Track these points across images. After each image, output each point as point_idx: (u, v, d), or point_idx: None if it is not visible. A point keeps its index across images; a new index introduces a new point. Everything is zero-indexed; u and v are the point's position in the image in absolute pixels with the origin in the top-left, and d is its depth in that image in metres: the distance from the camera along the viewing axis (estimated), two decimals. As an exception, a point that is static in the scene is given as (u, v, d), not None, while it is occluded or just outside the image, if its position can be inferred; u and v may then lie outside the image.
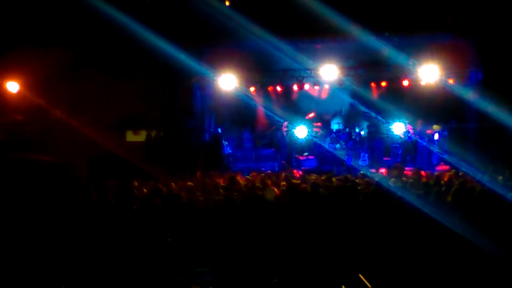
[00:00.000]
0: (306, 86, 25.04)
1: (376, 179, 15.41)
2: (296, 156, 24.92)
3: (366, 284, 9.38)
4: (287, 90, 25.68)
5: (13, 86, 22.86)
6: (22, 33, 21.77)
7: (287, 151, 24.91)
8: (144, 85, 23.98)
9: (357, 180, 15.26)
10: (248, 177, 17.14)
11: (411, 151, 24.75)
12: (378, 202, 12.42)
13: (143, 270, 10.37)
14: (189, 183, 15.65)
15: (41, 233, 11.31)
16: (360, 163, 23.69)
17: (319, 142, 24.82)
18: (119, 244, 10.97)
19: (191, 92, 25.00)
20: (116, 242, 11.02)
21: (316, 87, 25.34)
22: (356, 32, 21.31)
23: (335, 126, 25.97)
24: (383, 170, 20.26)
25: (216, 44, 22.61)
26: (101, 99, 23.33)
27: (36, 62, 21.94)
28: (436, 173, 17.41)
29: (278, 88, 25.28)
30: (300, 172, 21.26)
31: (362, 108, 25.80)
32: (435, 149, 23.91)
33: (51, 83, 22.58)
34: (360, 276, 9.55)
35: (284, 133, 24.83)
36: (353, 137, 25.29)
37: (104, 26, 20.55)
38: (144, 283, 10.07)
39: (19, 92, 22.92)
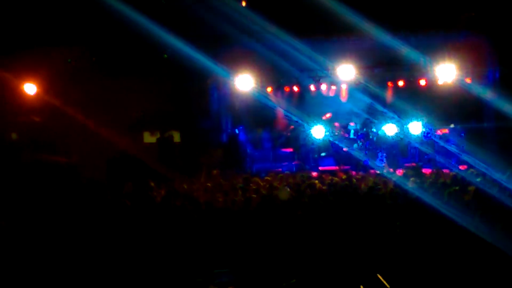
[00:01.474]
0: (323, 86, 25.01)
1: (394, 179, 15.39)
2: (313, 156, 24.91)
3: (385, 284, 9.35)
4: (304, 90, 25.64)
5: (30, 88, 22.93)
6: (40, 35, 21.83)
7: (304, 151, 24.89)
8: (161, 86, 24.05)
9: (374, 180, 15.23)
10: (267, 178, 17.14)
11: (430, 151, 24.69)
12: (396, 202, 12.40)
13: (161, 271, 10.37)
14: (207, 183, 15.68)
15: (58, 233, 11.34)
16: (377, 163, 23.64)
17: (336, 142, 24.79)
18: (136, 245, 10.99)
19: (207, 93, 25.05)
20: (133, 243, 11.03)
21: (333, 87, 25.29)
22: (373, 31, 21.25)
23: (352, 126, 25.90)
24: (400, 171, 20.19)
25: (233, 45, 22.59)
26: (118, 100, 23.39)
27: (53, 64, 22.05)
28: (454, 173, 17.33)
29: (295, 88, 25.24)
30: (318, 173, 21.23)
31: (380, 108, 25.74)
32: (453, 149, 23.84)
33: (68, 85, 22.64)
34: (379, 276, 9.53)
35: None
36: (371, 137, 25.23)
37: (121, 27, 20.57)
38: (162, 284, 10.07)
39: (36, 94, 22.99)
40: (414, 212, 11.48)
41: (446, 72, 22.59)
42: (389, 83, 25.03)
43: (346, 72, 22.93)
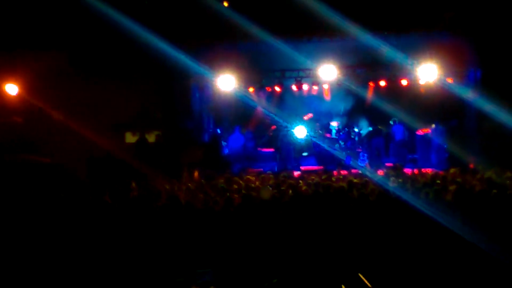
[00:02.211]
0: (305, 86, 25.03)
1: (375, 179, 15.42)
2: (295, 156, 24.94)
3: (366, 284, 9.36)
4: (286, 90, 25.64)
5: (12, 89, 22.85)
6: (21, 36, 21.76)
7: (286, 151, 24.91)
8: (143, 86, 23.99)
9: (355, 180, 15.23)
10: (249, 177, 17.11)
11: (411, 150, 24.81)
12: (376, 202, 12.42)
13: (142, 271, 10.35)
14: (188, 183, 15.65)
15: (40, 234, 11.29)
16: (359, 163, 23.69)
17: (318, 142, 24.84)
18: (117, 244, 10.96)
19: (189, 93, 25.00)
20: (114, 242, 11.00)
21: (315, 87, 25.31)
22: (355, 31, 21.28)
23: (334, 126, 25.95)
24: (382, 170, 20.24)
25: (214, 45, 22.61)
26: (100, 101, 23.34)
27: (35, 65, 21.96)
28: (435, 173, 17.38)
29: (277, 89, 25.21)
30: (299, 173, 21.25)
31: (361, 108, 25.83)
32: (434, 149, 23.93)
33: (50, 86, 22.57)
34: (360, 275, 9.54)
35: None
36: (352, 136, 25.30)
37: (101, 28, 20.55)
38: (144, 284, 10.05)
39: (18, 95, 22.91)
40: (395, 212, 11.50)
41: (428, 72, 22.66)
42: (371, 83, 25.05)
43: (328, 72, 22.95)
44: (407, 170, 19.27)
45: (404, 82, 24.52)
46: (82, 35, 22.35)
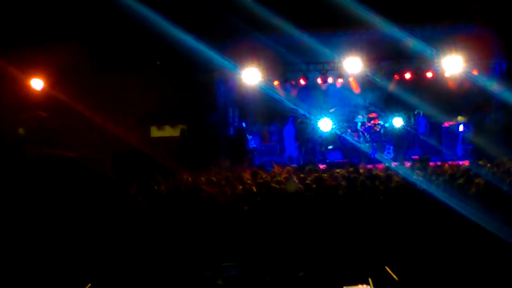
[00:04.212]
0: (330, 79, 24.95)
1: (400, 172, 15.37)
2: (321, 149, 24.96)
3: (393, 277, 9.36)
4: (311, 83, 25.58)
5: (37, 83, 22.97)
6: (47, 30, 21.84)
7: (311, 144, 24.93)
8: (167, 79, 24.03)
9: (381, 173, 15.21)
10: (275, 170, 17.13)
11: (437, 143, 24.73)
12: (402, 195, 12.40)
13: (169, 264, 10.39)
14: (214, 177, 15.68)
15: (63, 227, 11.38)
16: (385, 155, 23.65)
17: (343, 135, 24.81)
18: (143, 239, 11.01)
19: (214, 86, 25.01)
20: (140, 237, 11.06)
21: (340, 80, 25.25)
22: (379, 24, 21.19)
23: (359, 119, 25.88)
24: (408, 163, 20.17)
25: (239, 38, 22.58)
26: (124, 95, 23.43)
27: (59, 59, 22.01)
28: (461, 165, 17.31)
29: (302, 82, 25.14)
30: (325, 166, 21.23)
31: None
32: (460, 141, 23.85)
33: (74, 80, 22.66)
34: (387, 268, 9.53)
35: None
36: (378, 129, 25.23)
37: (125, 21, 20.59)
38: (170, 278, 10.09)
39: (43, 89, 23.02)
40: (421, 205, 11.47)
41: (453, 64, 22.55)
42: (396, 76, 24.94)
43: (353, 64, 22.90)
44: (433, 163, 19.21)
45: (429, 75, 24.39)
46: (107, 29, 22.40)
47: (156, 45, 22.14)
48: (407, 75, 24.54)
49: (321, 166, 20.62)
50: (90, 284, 9.66)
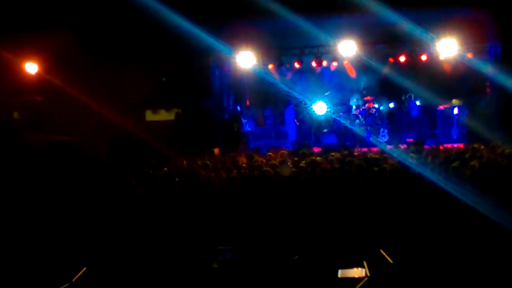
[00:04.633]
0: (324, 63, 24.95)
1: (395, 155, 15.40)
2: (315, 132, 25.00)
3: (388, 260, 9.39)
4: (306, 67, 25.57)
5: (32, 67, 22.94)
6: (40, 16, 21.76)
7: (306, 127, 24.97)
8: (162, 64, 24.01)
9: (375, 156, 15.23)
10: (270, 153, 17.15)
11: (431, 126, 24.78)
12: (396, 178, 12.42)
13: (164, 248, 10.42)
14: (209, 161, 15.70)
15: (60, 213, 11.39)
16: (379, 139, 23.68)
17: (337, 118, 24.84)
18: (138, 222, 11.04)
19: (209, 70, 24.99)
20: (135, 221, 11.09)
21: (334, 63, 25.25)
22: (374, 7, 21.13)
23: (353, 102, 25.91)
24: (402, 146, 20.20)
25: (234, 22, 22.49)
26: (119, 79, 23.40)
27: (55, 44, 21.95)
28: (455, 148, 17.35)
29: (296, 65, 25.13)
30: (319, 149, 21.25)
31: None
32: (455, 124, 23.90)
33: (68, 64, 22.62)
34: (382, 251, 9.56)
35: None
36: (372, 112, 25.26)
37: (121, 7, 20.52)
38: (165, 262, 10.11)
39: (38, 74, 23.00)
40: (416, 188, 11.50)
41: (448, 47, 22.56)
42: (391, 59, 24.94)
43: (348, 48, 22.92)
44: (427, 146, 19.24)
45: (423, 58, 24.43)
46: (101, 14, 22.32)
47: (150, 29, 22.08)
48: (402, 58, 24.59)
49: (316, 150, 20.63)
50: (85, 268, 9.68)
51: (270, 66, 25.27)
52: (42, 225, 11.06)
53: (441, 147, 17.77)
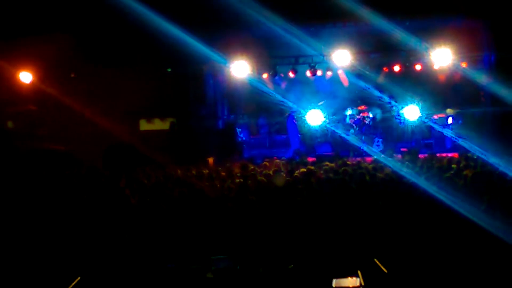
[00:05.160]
0: (319, 72, 24.95)
1: (389, 164, 15.40)
2: (309, 142, 24.99)
3: (382, 269, 9.39)
4: (300, 77, 25.57)
5: (26, 77, 22.92)
6: (35, 23, 21.75)
7: (300, 137, 24.98)
8: (157, 73, 24.02)
9: (370, 166, 15.23)
10: (265, 163, 17.15)
11: (426, 135, 24.78)
12: (391, 187, 12.42)
13: (157, 257, 10.41)
14: (203, 170, 15.70)
15: (53, 221, 11.38)
16: (374, 148, 23.68)
17: (332, 127, 24.82)
18: (132, 232, 11.03)
19: (203, 80, 25.02)
20: (129, 230, 11.07)
21: (329, 73, 25.25)
22: (368, 16, 21.17)
23: (348, 111, 25.91)
24: (397, 155, 20.21)
25: (228, 31, 22.53)
26: (113, 88, 23.40)
27: (49, 53, 21.95)
28: (449, 158, 17.35)
29: (291, 75, 25.12)
30: (314, 158, 21.25)
31: (376, 93, 25.71)
32: (449, 133, 23.90)
33: (64, 73, 22.65)
34: (376, 260, 9.56)
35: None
36: (367, 122, 25.25)
37: (115, 15, 20.52)
38: (159, 271, 10.10)
39: (32, 83, 22.98)
40: (410, 198, 11.51)
41: (442, 57, 22.57)
42: (385, 68, 24.96)
43: (342, 57, 22.92)
44: (422, 155, 19.25)
45: (418, 67, 24.46)
46: (96, 22, 22.32)
47: (144, 38, 22.09)
48: (396, 68, 24.58)
49: (310, 159, 20.63)
50: (79, 278, 9.66)
51: (265, 76, 25.26)
52: (35, 234, 11.04)
53: (435, 157, 17.79)
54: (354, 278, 8.42)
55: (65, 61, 22.35)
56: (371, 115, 25.45)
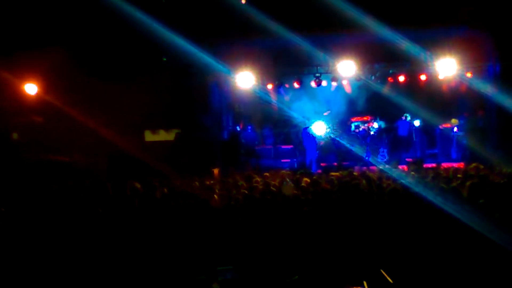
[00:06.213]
0: (324, 83, 24.97)
1: (394, 175, 15.38)
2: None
3: (388, 280, 9.36)
4: (305, 87, 25.59)
5: (31, 88, 22.95)
6: (40, 35, 21.80)
7: (305, 148, 24.97)
8: (162, 83, 24.01)
9: (374, 176, 15.22)
10: (266, 174, 17.14)
11: (431, 145, 24.80)
12: (396, 198, 12.40)
13: (163, 269, 10.39)
14: (208, 181, 15.69)
15: (59, 231, 11.36)
16: (379, 158, 23.67)
17: (337, 138, 24.81)
18: (138, 243, 11.00)
19: (208, 90, 25.03)
20: (135, 241, 11.05)
21: (334, 83, 25.25)
22: (373, 26, 21.18)
23: (353, 122, 25.91)
24: (402, 166, 20.18)
25: (233, 42, 22.57)
26: (118, 99, 23.37)
27: (54, 64, 21.96)
28: (454, 168, 17.33)
29: (296, 85, 25.14)
30: (319, 169, 21.24)
31: (380, 104, 25.72)
32: (454, 143, 23.90)
33: (69, 84, 22.63)
34: (382, 271, 9.53)
35: None
36: (372, 132, 25.25)
37: (119, 25, 20.56)
38: (164, 282, 10.08)
39: (37, 94, 23.01)
40: (415, 208, 11.48)
41: (447, 67, 22.57)
42: (390, 79, 24.95)
43: (347, 68, 22.92)
44: (428, 166, 19.24)
45: (423, 77, 24.47)
46: (101, 34, 22.37)
47: (150, 49, 22.14)
48: (401, 78, 24.59)
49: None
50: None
51: (270, 86, 25.29)
52: (39, 244, 11.02)
53: (440, 167, 17.76)
54: (360, 289, 8.41)
55: (69, 73, 22.32)
56: (376, 125, 25.44)
